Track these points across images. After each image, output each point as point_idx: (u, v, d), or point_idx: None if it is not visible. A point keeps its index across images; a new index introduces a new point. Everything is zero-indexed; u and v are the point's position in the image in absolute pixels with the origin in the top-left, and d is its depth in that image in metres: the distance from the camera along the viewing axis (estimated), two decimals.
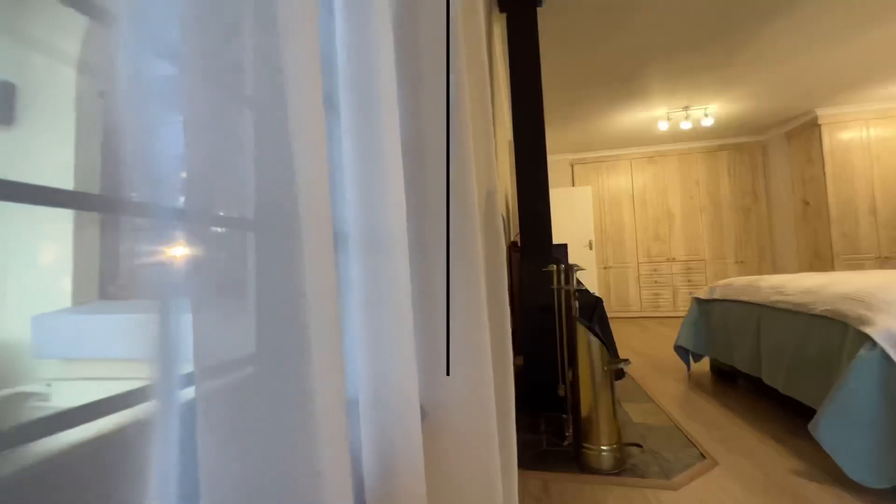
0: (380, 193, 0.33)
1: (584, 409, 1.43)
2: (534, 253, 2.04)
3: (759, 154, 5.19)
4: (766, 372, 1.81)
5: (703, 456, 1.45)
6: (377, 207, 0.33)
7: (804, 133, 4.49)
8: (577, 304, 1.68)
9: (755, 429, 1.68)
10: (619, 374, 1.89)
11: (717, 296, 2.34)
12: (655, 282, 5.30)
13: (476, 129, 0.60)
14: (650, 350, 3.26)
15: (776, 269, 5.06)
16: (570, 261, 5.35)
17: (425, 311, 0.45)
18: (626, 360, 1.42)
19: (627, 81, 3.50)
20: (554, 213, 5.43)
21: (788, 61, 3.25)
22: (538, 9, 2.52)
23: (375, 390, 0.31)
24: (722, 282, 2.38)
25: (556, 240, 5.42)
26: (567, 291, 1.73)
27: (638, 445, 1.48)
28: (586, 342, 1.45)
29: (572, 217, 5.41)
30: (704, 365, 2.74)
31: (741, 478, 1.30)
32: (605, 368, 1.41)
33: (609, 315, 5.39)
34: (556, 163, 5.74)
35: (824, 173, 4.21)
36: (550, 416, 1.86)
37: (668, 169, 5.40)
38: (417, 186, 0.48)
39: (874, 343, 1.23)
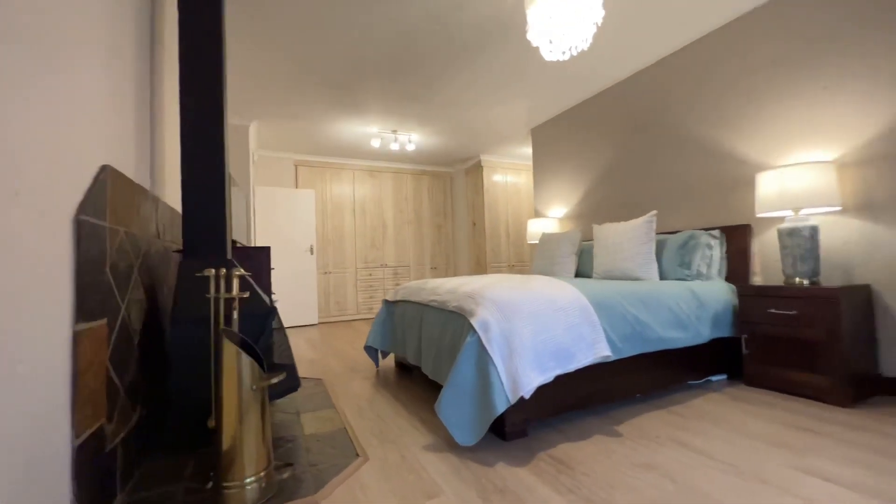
0: None
1: (227, 440, 1.21)
2: (201, 255, 1.66)
3: (449, 182, 6.54)
4: (423, 362, 2.11)
5: (357, 454, 1.49)
6: None
7: (474, 171, 5.96)
8: (237, 314, 1.45)
9: (410, 414, 1.92)
10: (293, 387, 1.78)
11: (399, 297, 2.63)
12: (370, 286, 5.75)
13: None
14: (353, 351, 3.40)
15: (457, 273, 6.48)
16: (292, 266, 5.06)
17: None
18: (280, 374, 1.29)
19: (346, 91, 3.59)
20: (275, 215, 5.01)
21: (465, 111, 4.18)
22: None
23: None
24: (403, 284, 2.71)
25: (274, 243, 5.01)
26: (227, 301, 1.47)
27: (289, 465, 1.38)
28: (234, 359, 1.23)
29: (294, 220, 5.15)
30: (392, 360, 3.06)
31: (383, 467, 1.40)
32: (255, 388, 1.24)
33: (327, 319, 5.42)
34: (279, 160, 5.36)
35: (484, 204, 5.71)
36: (204, 453, 1.53)
37: (385, 184, 6.01)
38: None
39: (475, 330, 1.59)
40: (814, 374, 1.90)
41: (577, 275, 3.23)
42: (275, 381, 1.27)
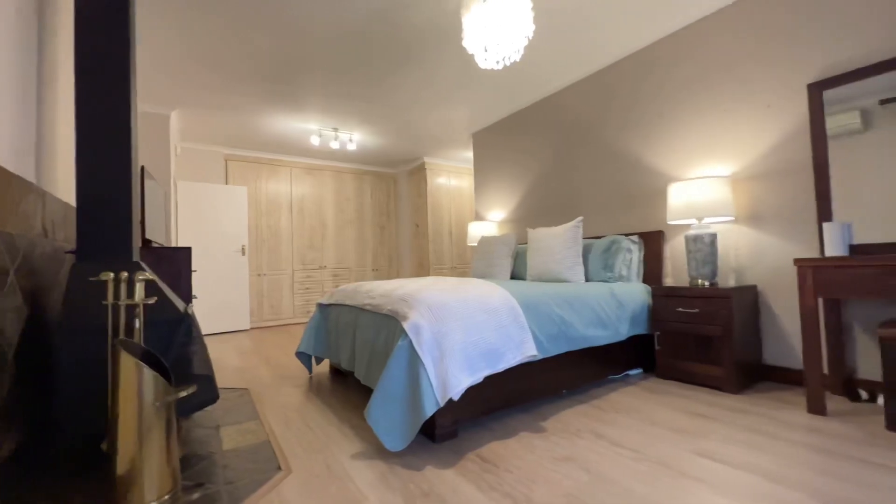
0: None
1: (124, 464, 1.09)
2: (99, 256, 1.49)
3: (392, 183, 6.47)
4: (357, 367, 2.06)
5: (279, 467, 1.42)
6: None
7: (418, 173, 5.96)
8: (140, 323, 1.32)
9: (340, 421, 1.87)
10: (211, 399, 1.65)
11: (334, 300, 2.55)
12: (307, 288, 5.52)
13: None
14: (285, 358, 3.24)
15: (399, 276, 6.43)
16: (221, 267, 4.70)
17: None
18: (190, 387, 1.19)
19: (282, 85, 3.41)
20: (201, 212, 4.63)
21: (408, 112, 4.15)
22: None
23: None
24: (339, 287, 2.63)
25: (200, 243, 4.63)
26: (129, 308, 1.33)
27: (200, 485, 1.28)
28: (134, 373, 1.12)
29: (224, 218, 4.81)
30: (327, 366, 2.96)
31: (307, 479, 1.34)
32: (158, 403, 1.13)
33: (260, 324, 5.12)
34: (206, 154, 4.97)
35: (427, 205, 5.72)
36: (98, 480, 1.37)
37: (325, 183, 5.81)
38: None
39: (406, 334, 1.59)
40: (712, 364, 2.13)
41: (513, 277, 3.34)
42: (183, 394, 1.17)
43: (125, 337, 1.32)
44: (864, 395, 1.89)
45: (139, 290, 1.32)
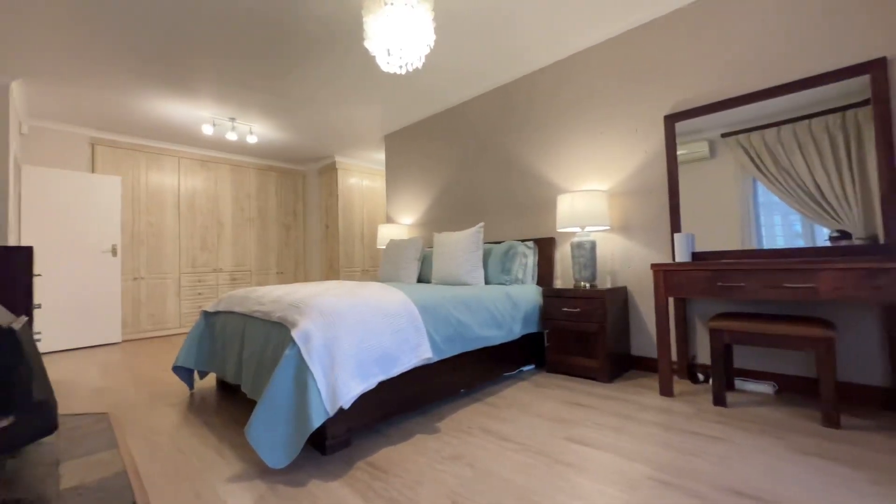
0: None
1: None
2: None
3: (301, 181, 6.12)
4: (244, 380, 1.90)
5: (135, 502, 1.24)
6: None
7: (328, 172, 5.73)
8: None
9: (219, 442, 1.70)
10: (46, 429, 1.38)
11: (220, 308, 2.32)
12: (199, 294, 4.95)
13: None
14: (163, 373, 2.85)
15: (307, 279, 6.10)
16: (84, 270, 3.97)
17: None
18: (6, 419, 0.98)
19: (166, 64, 3.01)
20: (58, 205, 3.88)
21: (316, 108, 3.95)
22: None
23: None
24: (228, 293, 2.40)
25: (56, 241, 3.87)
26: None
27: None
28: None
29: (90, 213, 4.09)
30: (214, 381, 2.68)
31: None
32: None
33: (136, 336, 4.45)
34: (66, 135, 4.18)
35: (338, 206, 5.52)
36: None
37: (222, 177, 5.27)
38: None
39: (294, 342, 1.50)
40: (590, 358, 2.39)
41: (420, 280, 3.38)
42: None
43: None
44: (701, 377, 2.28)
45: None
